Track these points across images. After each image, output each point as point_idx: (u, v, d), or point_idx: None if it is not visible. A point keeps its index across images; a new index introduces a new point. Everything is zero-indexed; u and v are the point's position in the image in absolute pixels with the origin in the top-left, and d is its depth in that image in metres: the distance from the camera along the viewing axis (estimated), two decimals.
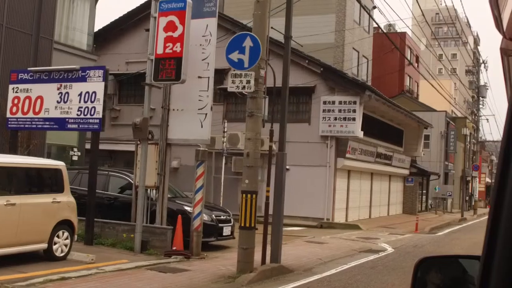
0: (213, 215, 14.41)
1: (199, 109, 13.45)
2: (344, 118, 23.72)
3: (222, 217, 14.62)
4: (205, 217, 14.11)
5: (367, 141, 27.06)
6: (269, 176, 13.82)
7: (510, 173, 1.25)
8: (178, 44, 12.19)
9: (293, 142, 24.38)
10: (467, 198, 50.08)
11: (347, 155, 24.25)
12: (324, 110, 24.06)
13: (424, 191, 37.94)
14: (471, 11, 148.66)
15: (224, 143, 24.80)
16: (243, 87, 11.00)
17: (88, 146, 18.39)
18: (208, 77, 13.17)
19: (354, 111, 23.58)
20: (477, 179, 44.00)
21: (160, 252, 12.37)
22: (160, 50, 12.43)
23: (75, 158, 18.99)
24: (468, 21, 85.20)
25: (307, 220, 23.96)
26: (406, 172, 33.99)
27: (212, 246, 14.47)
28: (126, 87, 29.02)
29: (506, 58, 3.01)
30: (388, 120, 30.99)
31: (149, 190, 13.33)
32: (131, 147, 28.12)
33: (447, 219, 33.04)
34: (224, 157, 24.86)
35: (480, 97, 42.65)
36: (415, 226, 23.68)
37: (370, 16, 36.53)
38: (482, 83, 44.97)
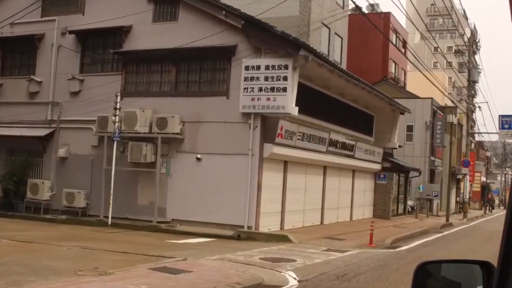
0: None
1: None
2: (272, 89, 16.54)
3: None
4: None
5: (315, 124, 19.85)
6: None
7: None
8: None
9: (206, 123, 17.34)
10: (458, 198, 42.66)
11: (278, 140, 17.03)
12: (246, 79, 16.89)
13: (402, 190, 30.49)
14: (467, 2, 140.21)
15: (116, 124, 17.69)
16: None
17: None
18: None
19: (285, 78, 16.39)
20: (468, 177, 36.52)
21: None
22: None
23: None
24: (464, 13, 77.56)
25: (223, 228, 16.82)
26: (378, 167, 26.66)
27: None
28: (10, 56, 21.98)
29: None
30: (350, 101, 23.76)
31: None
32: (18, 131, 21.10)
33: (427, 225, 25.71)
34: (115, 142, 17.75)
35: (471, 82, 35.20)
36: (370, 237, 16.44)
37: None
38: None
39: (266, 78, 16.57)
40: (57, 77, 20.12)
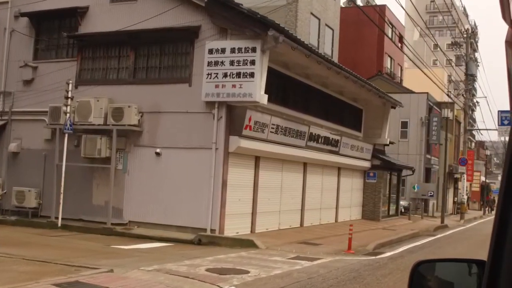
0: None
1: None
2: (238, 74, 14.48)
3: None
4: None
5: (292, 116, 17.79)
6: None
7: None
8: None
9: (166, 113, 15.29)
10: (455, 199, 40.52)
11: (245, 132, 14.96)
12: (209, 63, 14.82)
13: (394, 189, 28.34)
14: (467, 1, 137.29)
15: (68, 115, 15.68)
16: None
17: None
18: None
19: (253, 62, 14.32)
20: (465, 176, 34.36)
21: None
22: None
23: None
24: (465, 9, 75.30)
25: (185, 231, 14.79)
26: (367, 164, 24.55)
27: None
28: None
29: None
30: (335, 93, 21.69)
31: None
32: None
33: (420, 227, 23.61)
34: (66, 135, 15.73)
35: (469, 75, 33.00)
36: (348, 242, 14.35)
37: None
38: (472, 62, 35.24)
39: (231, 63, 14.51)
40: (10, 64, 18.12)
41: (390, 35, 43.63)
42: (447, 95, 34.66)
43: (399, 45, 44.73)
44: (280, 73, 17.16)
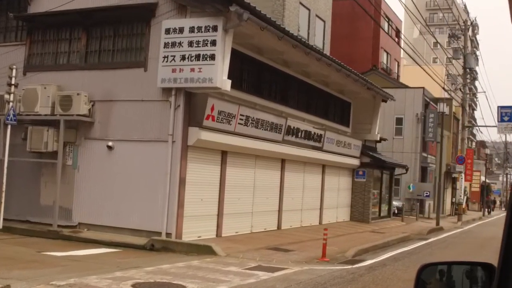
0: None
1: None
2: (197, 57, 12.55)
3: None
4: None
5: (266, 107, 15.87)
6: None
7: None
8: None
9: (120, 102, 13.37)
10: (454, 199, 38.49)
11: (207, 123, 13.03)
12: (166, 45, 12.91)
13: (387, 189, 26.33)
14: (468, 1, 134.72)
15: (10, 104, 13.81)
16: None
17: None
18: None
19: (214, 43, 12.40)
20: (463, 175, 32.34)
21: None
22: None
23: None
24: (465, 7, 73.07)
25: (140, 234, 12.93)
26: (355, 162, 22.59)
27: None
28: None
29: None
30: (320, 84, 19.76)
31: None
32: None
33: (412, 230, 21.67)
34: (9, 127, 13.86)
35: (467, 69, 30.96)
36: (322, 248, 12.41)
37: None
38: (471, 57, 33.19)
39: (190, 44, 12.60)
40: None
41: (386, 29, 41.71)
42: (443, 88, 32.61)
43: (396, 39, 42.77)
44: (252, 58, 15.27)
